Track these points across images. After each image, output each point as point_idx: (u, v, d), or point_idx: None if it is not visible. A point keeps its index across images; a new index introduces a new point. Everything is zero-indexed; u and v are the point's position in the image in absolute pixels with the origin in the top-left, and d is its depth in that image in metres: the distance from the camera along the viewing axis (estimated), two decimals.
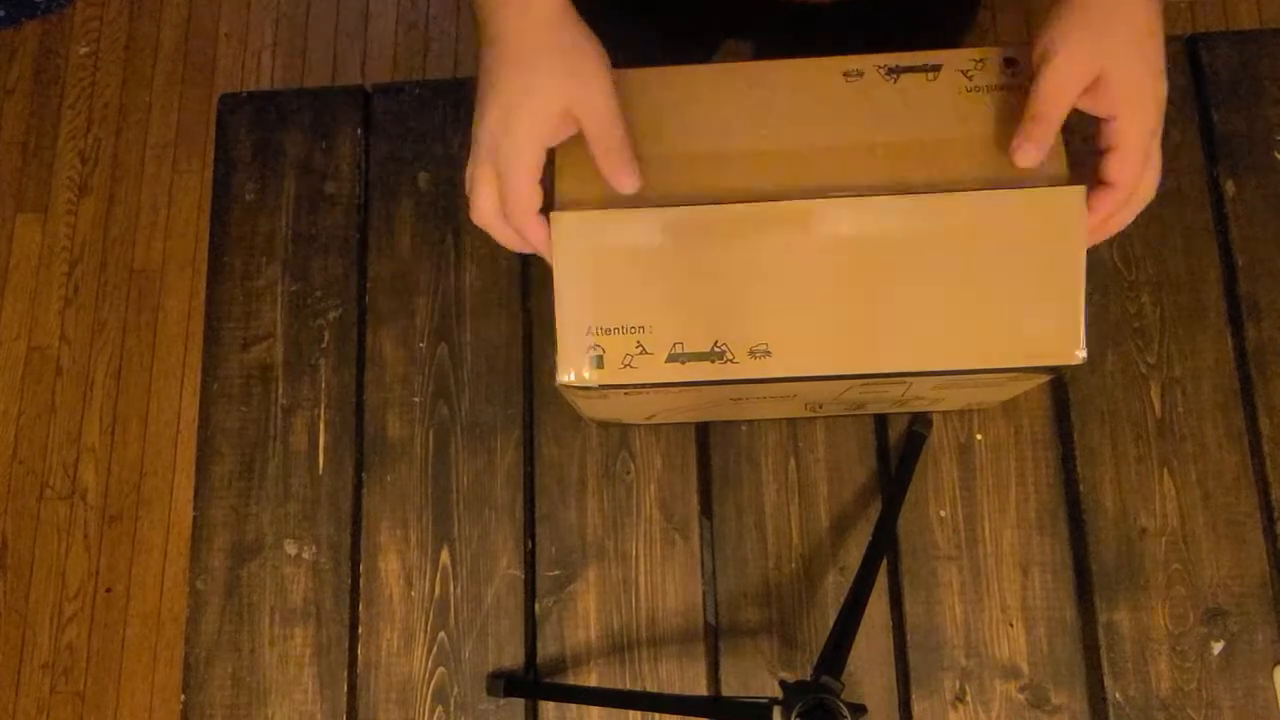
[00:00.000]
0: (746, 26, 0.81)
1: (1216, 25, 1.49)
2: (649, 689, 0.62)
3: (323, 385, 0.68)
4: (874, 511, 0.64)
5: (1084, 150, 0.49)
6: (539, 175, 0.49)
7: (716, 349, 0.55)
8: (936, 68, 0.52)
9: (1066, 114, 0.47)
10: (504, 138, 0.48)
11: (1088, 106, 0.47)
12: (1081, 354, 0.49)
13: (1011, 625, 0.62)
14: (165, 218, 1.54)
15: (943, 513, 0.64)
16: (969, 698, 0.61)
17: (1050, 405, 0.65)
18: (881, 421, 0.66)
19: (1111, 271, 0.66)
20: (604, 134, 0.49)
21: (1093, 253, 0.66)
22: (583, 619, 0.64)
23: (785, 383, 0.53)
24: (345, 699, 0.64)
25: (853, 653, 0.54)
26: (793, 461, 0.65)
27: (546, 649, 0.63)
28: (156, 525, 1.43)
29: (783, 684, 0.49)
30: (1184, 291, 0.66)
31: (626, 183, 0.51)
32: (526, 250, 0.52)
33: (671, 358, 0.56)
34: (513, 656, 0.63)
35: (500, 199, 0.49)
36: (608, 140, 0.50)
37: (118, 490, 1.44)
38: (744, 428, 0.65)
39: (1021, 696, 0.61)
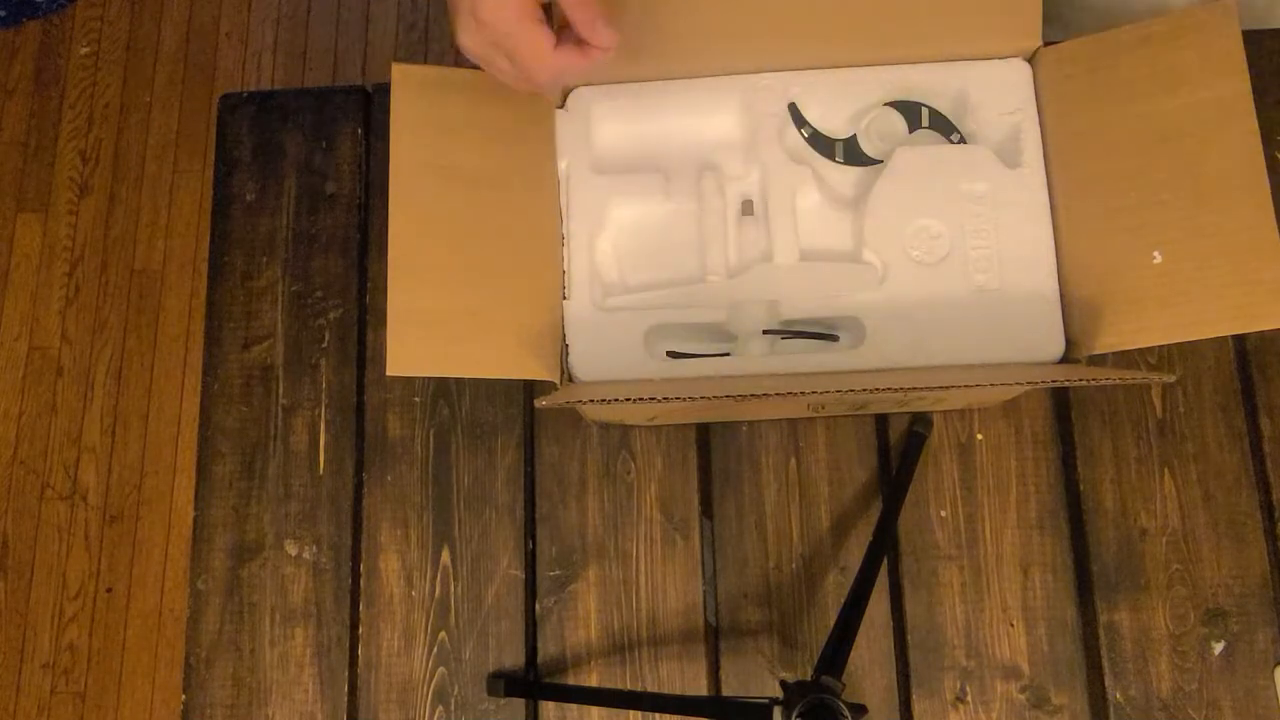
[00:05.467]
0: None
1: None
2: (649, 689, 0.62)
3: (323, 385, 0.68)
4: (874, 511, 0.64)
5: None
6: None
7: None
8: None
9: None
10: None
11: None
12: None
13: (1012, 625, 0.62)
14: (166, 218, 1.54)
15: (943, 513, 0.64)
16: (969, 698, 0.61)
17: (1051, 405, 0.65)
18: (882, 421, 0.66)
19: None
20: None
21: None
22: (583, 619, 0.64)
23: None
24: (345, 699, 0.64)
25: (853, 653, 0.54)
26: (793, 461, 0.65)
27: (547, 649, 0.63)
28: (157, 525, 1.43)
29: (783, 684, 0.50)
30: None
31: (605, 38, 0.46)
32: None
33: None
34: (513, 656, 0.63)
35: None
36: None
37: (118, 490, 1.44)
38: (744, 428, 0.65)
39: (1022, 697, 0.61)
